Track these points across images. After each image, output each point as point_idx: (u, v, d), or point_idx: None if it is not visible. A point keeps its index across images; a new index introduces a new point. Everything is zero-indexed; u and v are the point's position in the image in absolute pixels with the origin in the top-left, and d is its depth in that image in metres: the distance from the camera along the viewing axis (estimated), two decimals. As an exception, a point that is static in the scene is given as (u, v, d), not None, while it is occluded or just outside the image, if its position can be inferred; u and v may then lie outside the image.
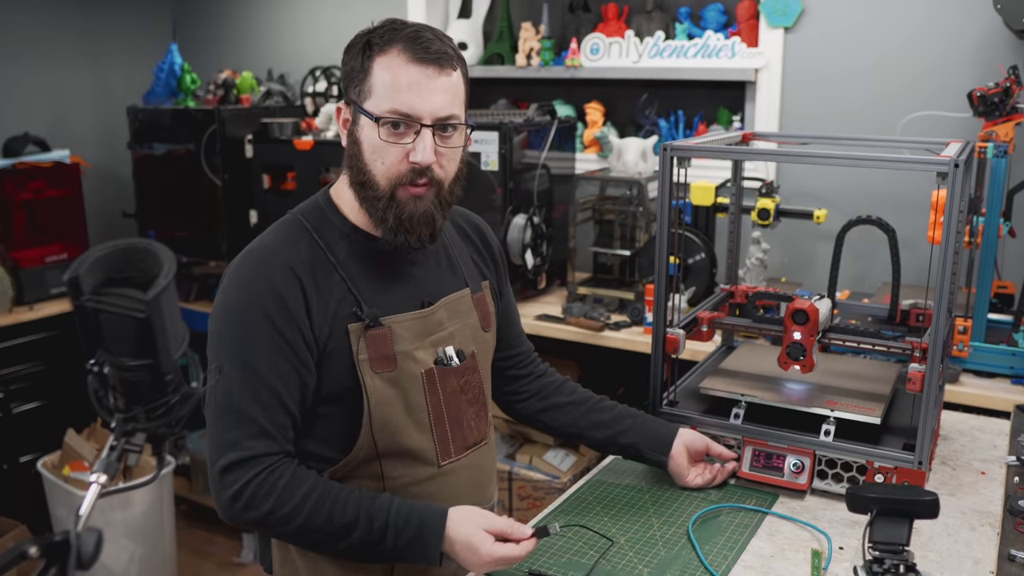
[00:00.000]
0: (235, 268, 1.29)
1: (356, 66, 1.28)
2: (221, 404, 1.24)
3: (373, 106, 1.25)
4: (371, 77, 1.26)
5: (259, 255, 1.29)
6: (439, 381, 1.35)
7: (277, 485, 1.23)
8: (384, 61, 1.25)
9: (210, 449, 1.25)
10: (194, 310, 3.33)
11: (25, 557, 0.75)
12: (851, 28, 2.74)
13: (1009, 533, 1.38)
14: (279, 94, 3.60)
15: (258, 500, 1.22)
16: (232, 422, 1.23)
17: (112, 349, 0.88)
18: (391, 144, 1.26)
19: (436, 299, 1.38)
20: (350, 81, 1.30)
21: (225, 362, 1.24)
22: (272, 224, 1.36)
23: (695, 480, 1.53)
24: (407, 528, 1.23)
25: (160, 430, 0.92)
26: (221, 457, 1.23)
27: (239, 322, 1.25)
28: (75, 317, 0.87)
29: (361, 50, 1.28)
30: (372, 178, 1.28)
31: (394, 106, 1.24)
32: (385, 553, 1.24)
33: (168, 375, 0.90)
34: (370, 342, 1.29)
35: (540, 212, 2.86)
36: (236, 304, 1.26)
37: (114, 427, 0.90)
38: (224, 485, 1.23)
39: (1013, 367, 2.15)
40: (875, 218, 1.69)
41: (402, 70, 1.24)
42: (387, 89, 1.24)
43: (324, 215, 1.35)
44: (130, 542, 2.92)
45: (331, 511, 1.23)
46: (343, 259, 1.32)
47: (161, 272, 0.88)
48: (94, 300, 0.86)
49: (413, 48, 1.24)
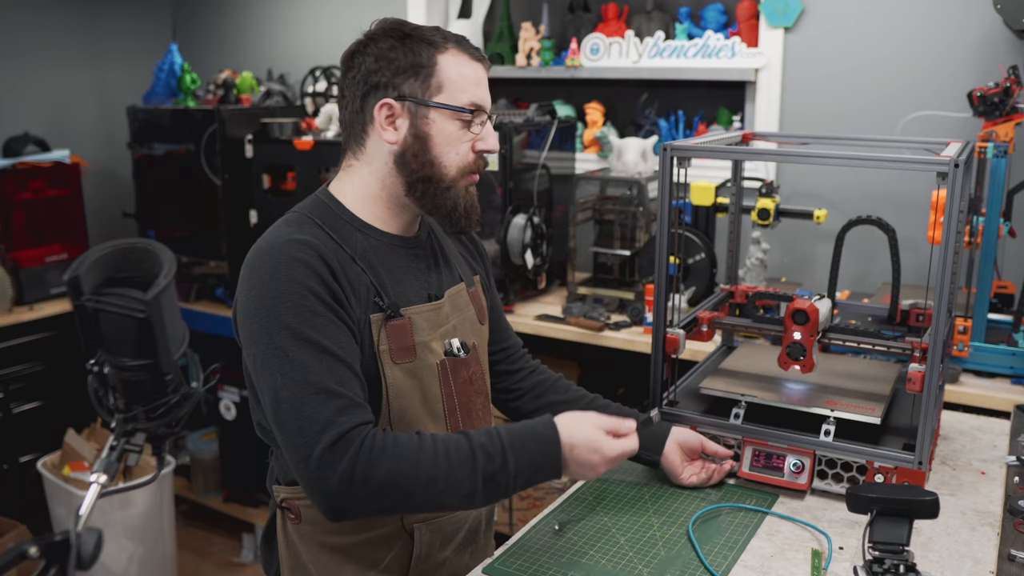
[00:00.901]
0: (258, 261, 1.25)
1: (411, 62, 1.29)
2: (298, 391, 1.18)
3: (450, 99, 1.30)
4: (439, 72, 1.29)
5: (282, 244, 1.25)
6: (451, 372, 1.36)
7: (386, 443, 1.17)
8: (448, 58, 1.30)
9: (301, 445, 1.16)
10: (194, 310, 3.33)
11: (25, 557, 0.75)
12: (851, 28, 2.74)
13: (1009, 533, 1.38)
14: (279, 94, 3.60)
15: (373, 464, 1.15)
16: (319, 403, 1.17)
17: (112, 349, 0.88)
18: (464, 135, 1.32)
19: (441, 293, 1.40)
20: (402, 77, 1.29)
21: (290, 348, 1.19)
22: (276, 222, 1.34)
23: (690, 478, 1.53)
24: (524, 444, 1.22)
25: (160, 430, 0.92)
26: (319, 441, 1.15)
27: (288, 306, 1.20)
28: (75, 317, 0.87)
29: (411, 48, 1.29)
30: (442, 170, 1.32)
31: (472, 99, 1.31)
32: (510, 479, 1.21)
33: (168, 375, 0.90)
34: (391, 332, 1.29)
35: (540, 212, 2.86)
36: (279, 290, 1.21)
37: (114, 427, 0.90)
38: (332, 467, 1.15)
39: (1013, 367, 2.15)
40: (875, 218, 1.69)
41: (469, 67, 1.32)
42: (465, 83, 1.30)
43: (331, 211, 1.34)
44: (130, 542, 2.92)
45: (446, 451, 1.19)
46: (359, 251, 1.32)
47: (161, 272, 0.88)
48: (94, 300, 0.86)
49: (467, 47, 1.32)
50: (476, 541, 1.47)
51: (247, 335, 1.24)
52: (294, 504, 1.35)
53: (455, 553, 1.42)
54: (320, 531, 1.35)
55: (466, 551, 1.44)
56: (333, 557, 1.35)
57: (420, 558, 1.37)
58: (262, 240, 1.29)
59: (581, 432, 1.25)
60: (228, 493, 3.53)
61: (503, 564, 1.31)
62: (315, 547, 1.36)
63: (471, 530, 1.45)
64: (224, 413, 3.39)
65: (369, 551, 1.35)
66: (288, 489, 1.36)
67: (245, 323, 1.24)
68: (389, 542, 1.35)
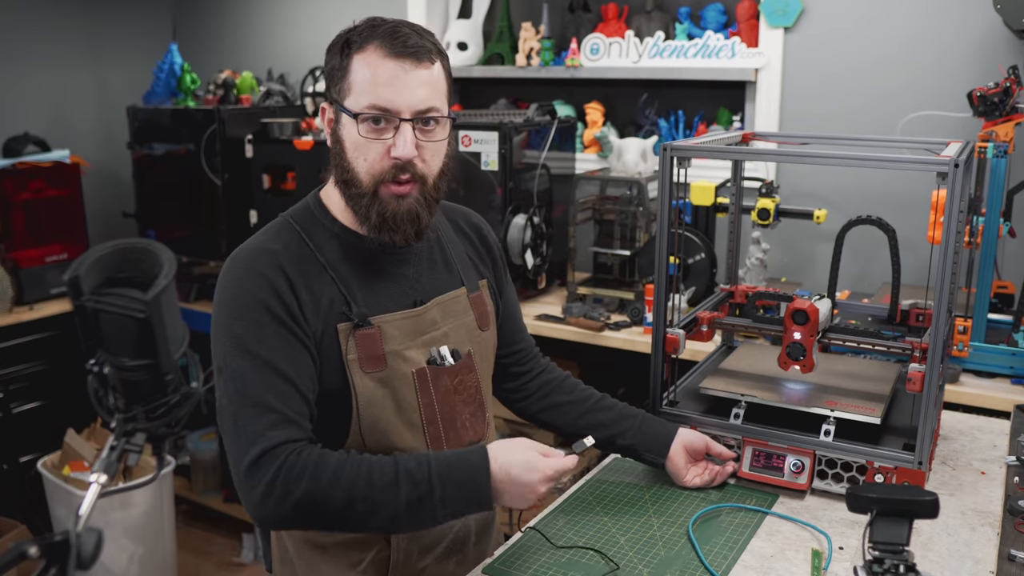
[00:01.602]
0: (226, 269, 1.29)
1: (336, 65, 1.29)
2: (237, 401, 1.21)
3: (352, 103, 1.26)
4: (350, 75, 1.26)
5: (248, 255, 1.29)
6: (431, 381, 1.35)
7: (307, 464, 1.19)
8: (362, 58, 1.25)
9: (233, 453, 1.21)
10: (194, 310, 3.33)
11: (25, 557, 0.75)
12: (851, 28, 2.74)
13: (1009, 533, 1.38)
14: (279, 94, 3.60)
15: (291, 484, 1.17)
16: (252, 415, 1.20)
17: (112, 349, 0.88)
18: (372, 140, 1.26)
19: (429, 298, 1.38)
20: (331, 80, 1.30)
21: (233, 359, 1.22)
22: (264, 226, 1.37)
23: (694, 480, 1.53)
24: (452, 472, 1.21)
25: (160, 430, 0.92)
26: (246, 454, 1.19)
27: (240, 317, 1.24)
28: (75, 317, 0.87)
29: (340, 49, 1.28)
30: (355, 176, 1.28)
31: (372, 101, 1.24)
32: (436, 507, 1.20)
33: (168, 375, 0.90)
34: (359, 341, 1.29)
35: (540, 212, 2.85)
36: (234, 300, 1.25)
37: (114, 427, 0.90)
38: (254, 482, 1.18)
39: (1013, 367, 2.15)
40: (875, 218, 1.69)
41: (379, 65, 1.24)
42: (365, 85, 1.24)
43: (314, 216, 1.35)
44: (130, 542, 2.92)
45: (369, 476, 1.19)
46: (332, 259, 1.32)
47: (161, 272, 0.88)
48: (94, 300, 0.86)
49: (391, 43, 1.24)
50: (464, 551, 1.45)
51: (212, 337, 1.28)
52: None
53: (436, 561, 1.40)
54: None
55: (450, 560, 1.42)
56: (315, 554, 1.37)
57: (398, 563, 1.36)
58: (238, 248, 1.32)
59: (515, 455, 1.24)
60: (228, 493, 3.53)
61: (503, 564, 1.31)
62: (300, 542, 1.38)
63: (456, 540, 1.42)
64: (224, 413, 3.39)
65: (348, 552, 1.36)
66: None
67: (212, 325, 1.28)
68: (367, 545, 1.36)
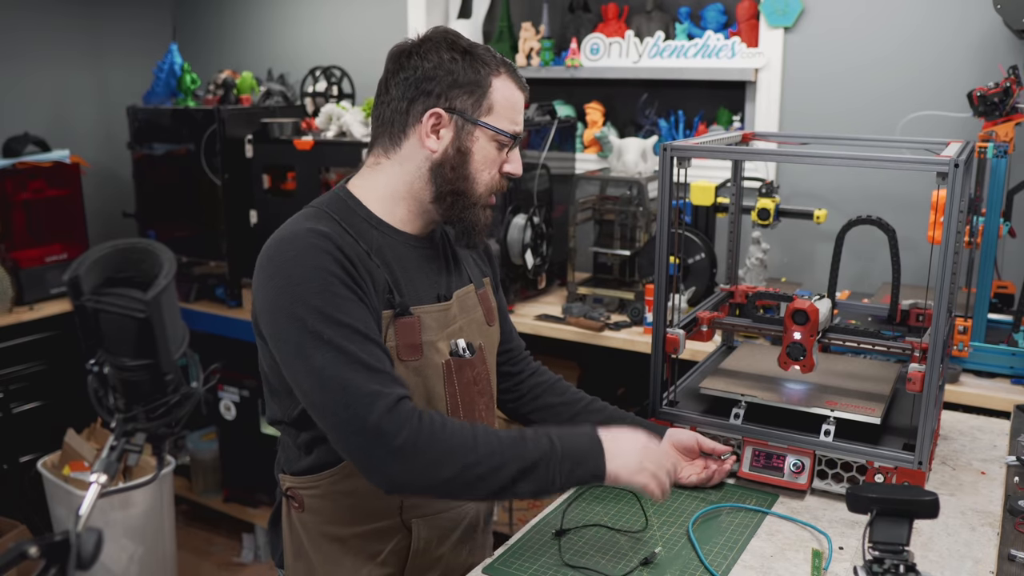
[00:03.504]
0: (278, 250, 1.26)
1: (469, 79, 1.31)
2: (342, 368, 1.19)
3: (498, 122, 1.34)
4: (492, 95, 1.33)
5: (303, 234, 1.26)
6: (455, 372, 1.37)
7: (436, 422, 1.20)
8: (501, 82, 1.33)
9: (350, 417, 1.18)
10: (194, 310, 3.33)
11: (25, 557, 0.75)
12: (851, 28, 2.74)
13: (1009, 533, 1.38)
14: (279, 94, 3.60)
15: (434, 435, 1.18)
16: (363, 378, 1.19)
17: (112, 349, 0.88)
18: (499, 157, 1.36)
19: (450, 294, 1.41)
20: (457, 90, 1.31)
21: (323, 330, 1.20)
22: (294, 215, 1.34)
23: (690, 478, 1.53)
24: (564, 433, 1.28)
25: (160, 430, 0.92)
26: (371, 411, 1.17)
27: (317, 292, 1.21)
28: (75, 317, 0.87)
29: (471, 64, 1.31)
30: (474, 187, 1.35)
31: (514, 127, 1.36)
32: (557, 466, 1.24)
33: (168, 375, 0.90)
34: (399, 329, 1.30)
35: (540, 212, 2.86)
36: (304, 277, 1.22)
37: (114, 427, 0.90)
38: (390, 436, 1.16)
39: (1013, 367, 2.15)
40: (875, 218, 1.69)
41: (516, 95, 1.36)
42: (509, 111, 1.35)
43: (348, 207, 1.35)
44: (130, 542, 2.92)
45: (496, 432, 1.24)
46: (375, 247, 1.32)
47: (161, 272, 0.88)
48: (94, 300, 0.86)
49: (516, 75, 1.37)
50: (474, 538, 1.48)
51: (273, 323, 1.24)
52: (298, 493, 1.38)
53: (452, 549, 1.42)
54: (321, 521, 1.37)
55: (464, 547, 1.45)
56: (333, 547, 1.37)
57: (417, 552, 1.38)
58: (281, 230, 1.29)
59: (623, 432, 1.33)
60: (228, 493, 3.53)
61: (503, 564, 1.31)
62: (317, 536, 1.38)
63: (469, 526, 1.46)
64: (224, 413, 3.39)
65: (367, 543, 1.36)
66: (293, 478, 1.38)
67: (270, 312, 1.24)
68: (387, 535, 1.37)
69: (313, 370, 1.20)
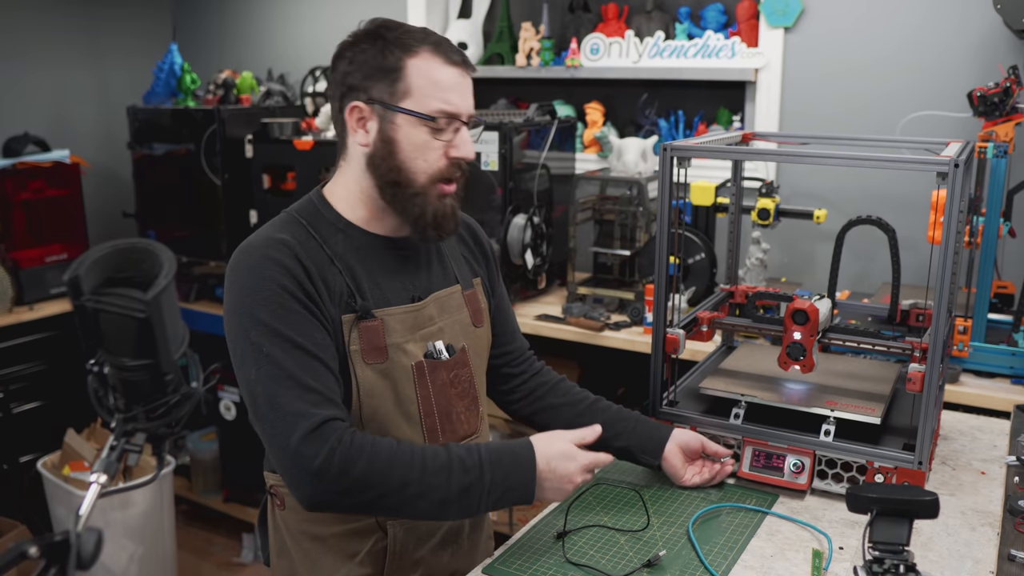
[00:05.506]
0: (237, 259, 1.29)
1: (380, 65, 1.29)
2: (274, 383, 1.21)
3: (417, 105, 1.28)
4: (407, 78, 1.28)
5: (261, 244, 1.29)
6: (428, 374, 1.37)
7: (364, 444, 1.20)
8: (419, 62, 1.28)
9: (278, 435, 1.20)
10: (194, 310, 3.33)
11: (25, 557, 0.75)
12: (851, 28, 2.74)
13: (1009, 533, 1.38)
14: (279, 94, 3.60)
15: (351, 460, 1.18)
16: (292, 395, 1.20)
17: (112, 349, 0.88)
18: (433, 142, 1.30)
19: (426, 294, 1.40)
20: (372, 80, 1.29)
21: (263, 343, 1.22)
22: (269, 221, 1.38)
23: (692, 479, 1.53)
24: (501, 459, 1.26)
25: (160, 430, 0.92)
26: (294, 431, 1.18)
27: (263, 302, 1.24)
28: (75, 317, 0.87)
29: (382, 50, 1.28)
30: (410, 176, 1.31)
31: (441, 106, 1.29)
32: (483, 494, 1.24)
33: (168, 375, 0.90)
34: (362, 333, 1.31)
35: (540, 212, 2.85)
36: (255, 287, 1.25)
37: (114, 427, 0.90)
38: (308, 458, 1.18)
39: (1013, 367, 2.15)
40: (875, 218, 1.69)
41: (441, 72, 1.29)
42: (433, 89, 1.28)
43: (318, 211, 1.37)
44: (130, 542, 2.92)
45: (423, 460, 1.22)
46: (339, 252, 1.33)
47: (161, 272, 0.88)
48: (94, 300, 0.86)
49: (443, 51, 1.30)
50: (458, 543, 1.46)
51: (227, 331, 1.29)
52: (279, 491, 1.40)
53: (431, 553, 1.41)
54: (301, 519, 1.38)
55: (444, 552, 1.43)
56: (313, 545, 1.38)
57: (395, 554, 1.38)
58: (246, 240, 1.33)
59: (555, 446, 1.31)
60: (228, 493, 3.53)
61: (503, 564, 1.31)
62: (298, 534, 1.39)
63: (451, 531, 1.44)
64: (224, 413, 3.39)
65: (345, 543, 1.37)
66: (275, 476, 1.40)
67: (226, 318, 1.29)
68: (364, 536, 1.37)
69: (248, 382, 1.24)
